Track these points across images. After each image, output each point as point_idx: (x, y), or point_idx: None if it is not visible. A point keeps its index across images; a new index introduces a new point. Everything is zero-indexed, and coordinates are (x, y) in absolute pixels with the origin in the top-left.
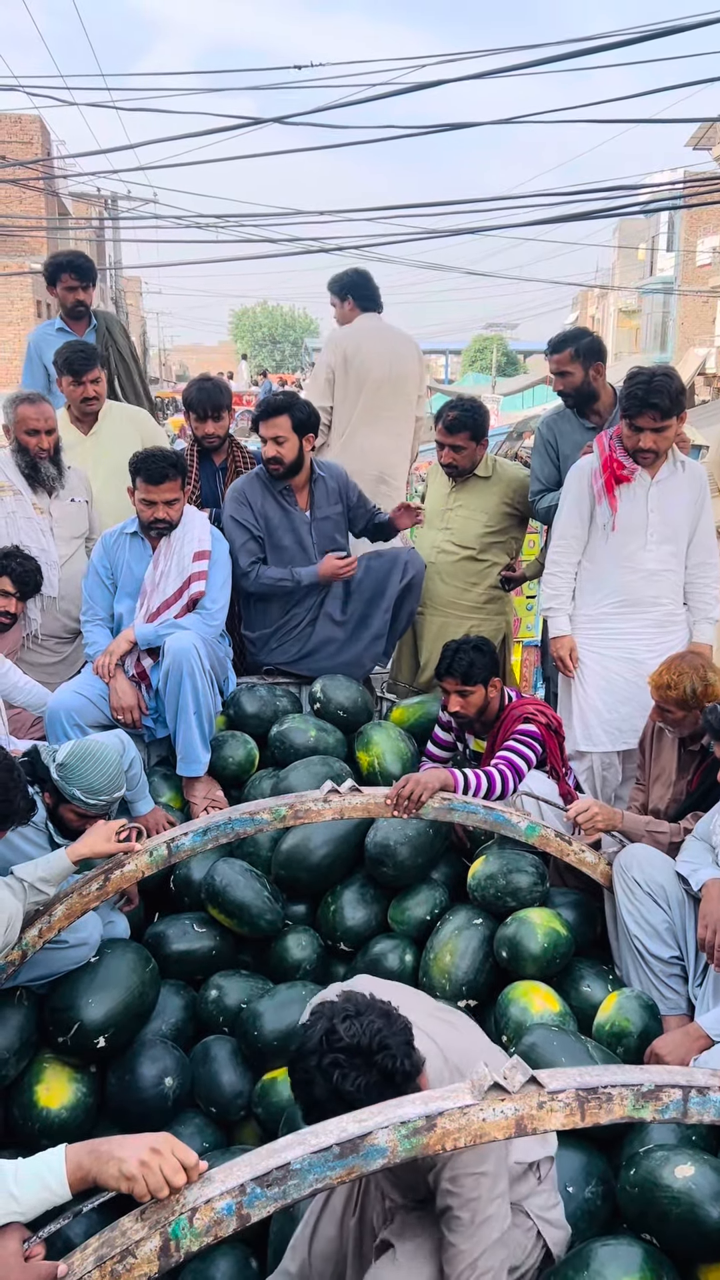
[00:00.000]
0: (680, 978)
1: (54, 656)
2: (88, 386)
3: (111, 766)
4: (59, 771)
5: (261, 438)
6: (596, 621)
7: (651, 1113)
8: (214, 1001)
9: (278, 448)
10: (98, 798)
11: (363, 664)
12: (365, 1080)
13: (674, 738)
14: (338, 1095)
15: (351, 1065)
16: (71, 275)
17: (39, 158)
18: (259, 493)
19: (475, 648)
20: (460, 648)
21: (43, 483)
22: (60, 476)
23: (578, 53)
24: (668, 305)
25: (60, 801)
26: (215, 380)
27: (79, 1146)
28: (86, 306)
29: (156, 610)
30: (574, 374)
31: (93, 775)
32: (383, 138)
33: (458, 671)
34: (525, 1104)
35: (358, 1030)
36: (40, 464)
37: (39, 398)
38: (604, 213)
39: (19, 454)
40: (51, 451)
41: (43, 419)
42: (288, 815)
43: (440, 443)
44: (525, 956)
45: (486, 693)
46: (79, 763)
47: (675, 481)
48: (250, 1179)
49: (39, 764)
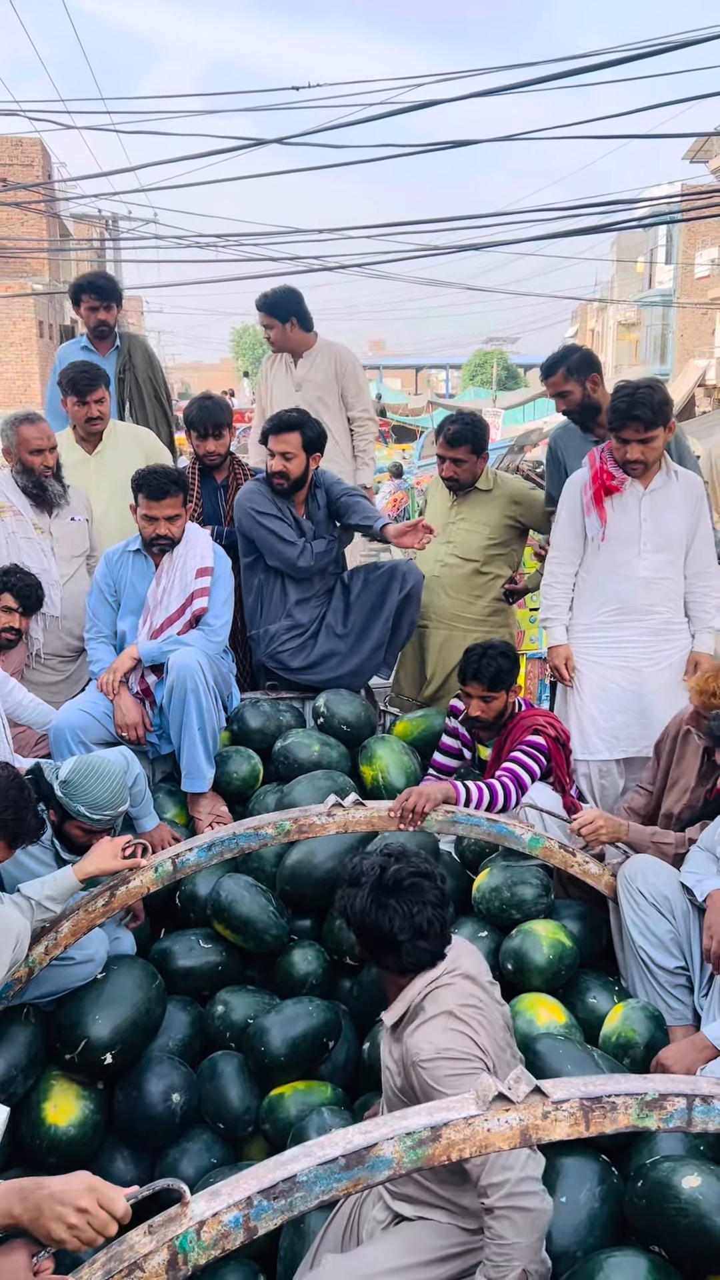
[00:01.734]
0: (686, 988)
1: (57, 675)
2: (91, 406)
3: (115, 781)
4: (63, 789)
5: (270, 451)
6: (593, 630)
7: (656, 1122)
8: (220, 1017)
9: (285, 463)
10: (102, 813)
11: (364, 675)
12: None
13: (700, 744)
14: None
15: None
16: (92, 296)
17: (40, 180)
18: (261, 502)
19: (502, 653)
20: (487, 652)
21: (48, 501)
22: (63, 495)
23: (574, 71)
24: (667, 318)
25: (65, 818)
26: (215, 398)
27: (10, 1189)
28: (110, 326)
29: (159, 627)
30: (573, 392)
31: (96, 791)
32: (381, 156)
33: (485, 676)
34: (530, 1114)
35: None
36: (46, 482)
37: (37, 417)
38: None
39: (24, 474)
40: (54, 469)
41: (44, 437)
42: (292, 830)
43: (441, 456)
44: (531, 969)
45: (507, 698)
46: (82, 779)
47: (669, 491)
48: (257, 1191)
49: (42, 782)
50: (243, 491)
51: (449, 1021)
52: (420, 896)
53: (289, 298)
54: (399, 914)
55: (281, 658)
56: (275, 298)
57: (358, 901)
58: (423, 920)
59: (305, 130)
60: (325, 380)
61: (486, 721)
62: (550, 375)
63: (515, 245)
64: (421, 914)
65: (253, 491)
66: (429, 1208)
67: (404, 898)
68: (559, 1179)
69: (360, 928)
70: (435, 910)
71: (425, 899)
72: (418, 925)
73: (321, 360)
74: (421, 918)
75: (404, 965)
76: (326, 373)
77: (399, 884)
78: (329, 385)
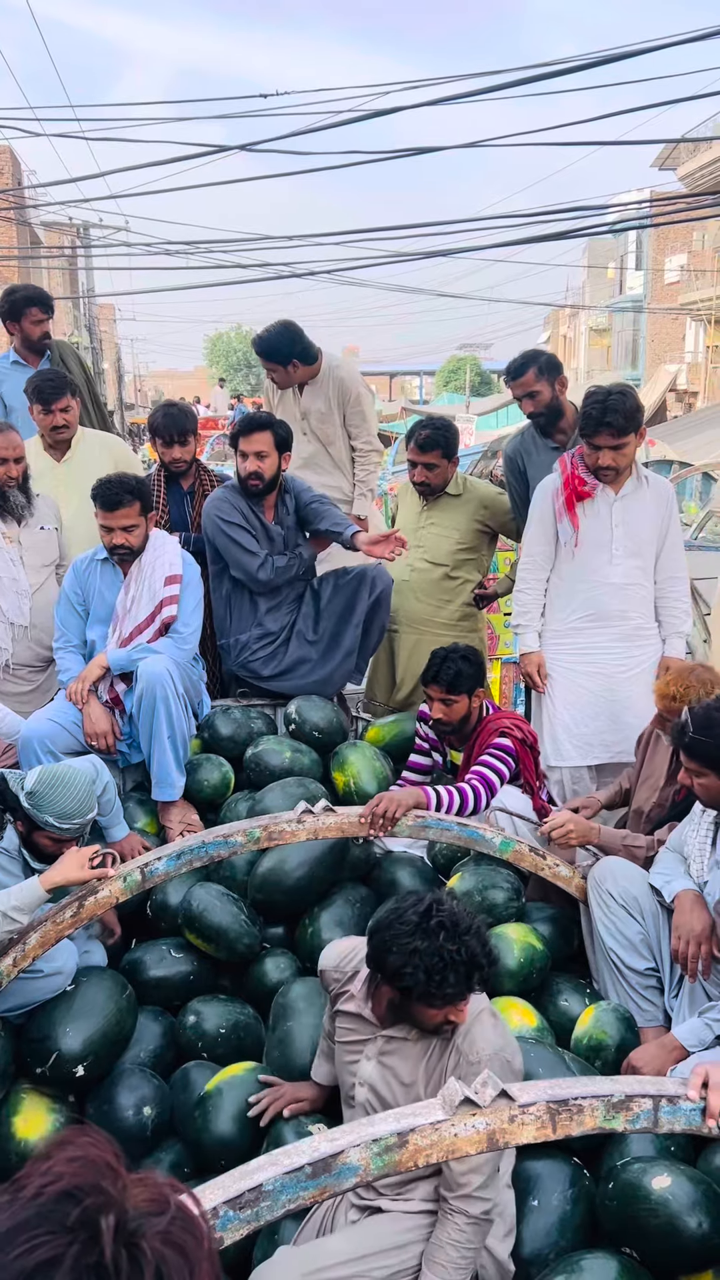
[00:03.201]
0: (656, 989)
1: (27, 685)
2: (57, 415)
3: (81, 790)
4: (29, 799)
5: (242, 453)
6: (565, 636)
7: (623, 1123)
8: (192, 1027)
9: (259, 463)
10: (70, 821)
11: (336, 681)
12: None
13: (670, 745)
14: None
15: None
16: (39, 309)
17: (10, 188)
18: (229, 508)
19: (464, 657)
20: (449, 656)
21: (11, 511)
22: (29, 505)
23: (543, 76)
24: (638, 323)
25: (33, 828)
26: (180, 405)
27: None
28: (49, 339)
29: (129, 635)
30: (543, 392)
31: (63, 800)
32: (349, 163)
33: (444, 680)
34: (496, 1118)
35: (455, 910)
36: (9, 493)
37: (7, 427)
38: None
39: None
40: (20, 480)
41: (10, 448)
42: (262, 837)
43: (413, 462)
44: (502, 972)
45: (470, 703)
46: (49, 789)
47: (640, 496)
48: (222, 1202)
49: (8, 793)
50: (211, 499)
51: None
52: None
53: (285, 339)
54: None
55: (252, 666)
56: (273, 342)
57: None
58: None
59: (274, 136)
60: (328, 410)
61: (451, 725)
62: (520, 375)
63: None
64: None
65: (220, 499)
66: (409, 1186)
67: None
68: (531, 1182)
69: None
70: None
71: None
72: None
73: (324, 389)
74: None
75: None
76: (329, 402)
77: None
78: (329, 415)
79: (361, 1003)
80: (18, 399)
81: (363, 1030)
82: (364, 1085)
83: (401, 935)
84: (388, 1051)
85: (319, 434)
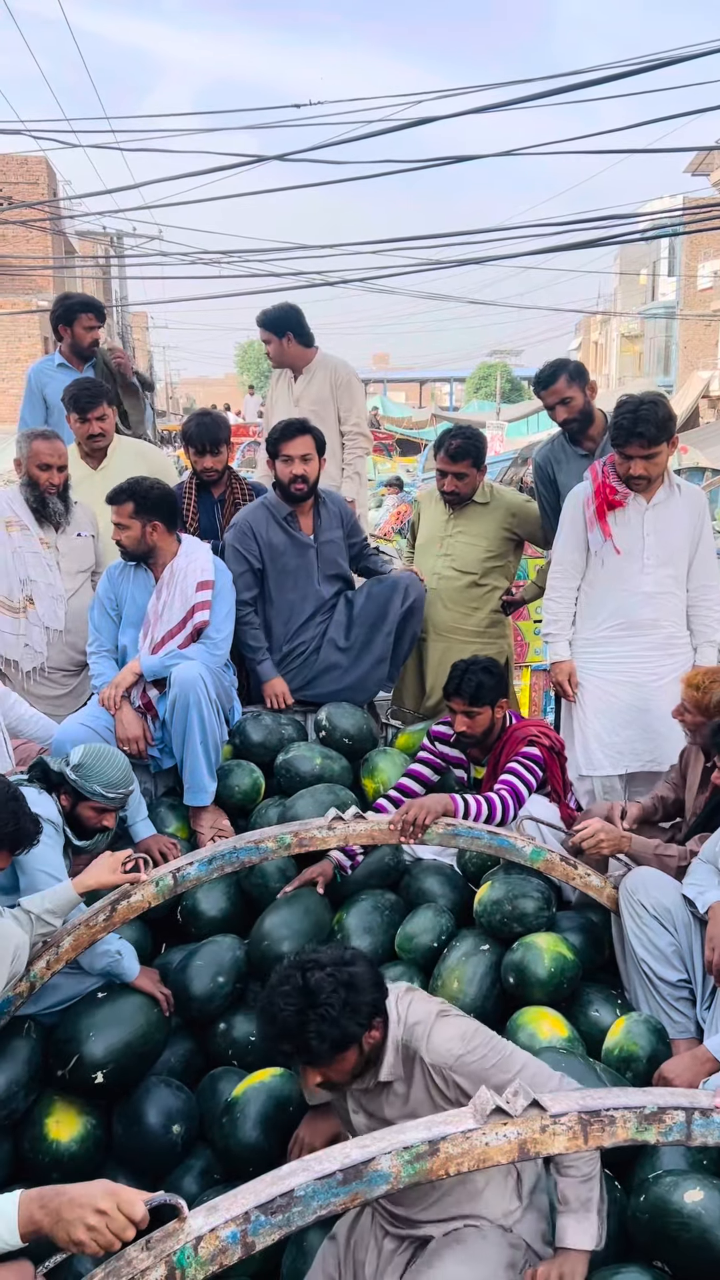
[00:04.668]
0: (689, 1001)
1: (60, 689)
2: (93, 424)
3: (123, 762)
4: (76, 772)
5: (286, 457)
6: (596, 645)
7: (655, 1135)
8: (222, 1034)
9: (305, 466)
10: (115, 790)
11: (367, 688)
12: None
13: (701, 754)
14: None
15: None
16: (92, 315)
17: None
18: (264, 521)
19: (485, 669)
20: (469, 668)
21: (49, 518)
22: (67, 513)
23: (575, 86)
24: (670, 329)
25: (78, 801)
26: (213, 415)
27: (31, 1198)
28: (98, 344)
29: (160, 641)
30: (576, 398)
31: (109, 770)
32: (382, 172)
33: (466, 692)
34: (528, 1128)
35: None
36: (48, 499)
37: (53, 435)
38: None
39: (29, 487)
40: (60, 488)
41: (55, 455)
42: (293, 843)
43: (443, 471)
44: (532, 981)
45: (493, 714)
46: (94, 760)
47: (672, 505)
48: (254, 1206)
49: (51, 772)
50: (241, 513)
51: (444, 1017)
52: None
53: (286, 313)
54: (363, 972)
55: (286, 679)
56: (273, 313)
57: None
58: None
59: (308, 146)
60: (320, 396)
61: (475, 738)
62: (552, 383)
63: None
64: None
65: (250, 516)
66: (455, 1223)
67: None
68: None
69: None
70: (342, 986)
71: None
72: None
73: (319, 375)
74: (343, 993)
75: (361, 1023)
76: (322, 388)
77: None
78: (324, 401)
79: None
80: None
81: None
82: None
83: (293, 1026)
84: (365, 1104)
85: (312, 420)
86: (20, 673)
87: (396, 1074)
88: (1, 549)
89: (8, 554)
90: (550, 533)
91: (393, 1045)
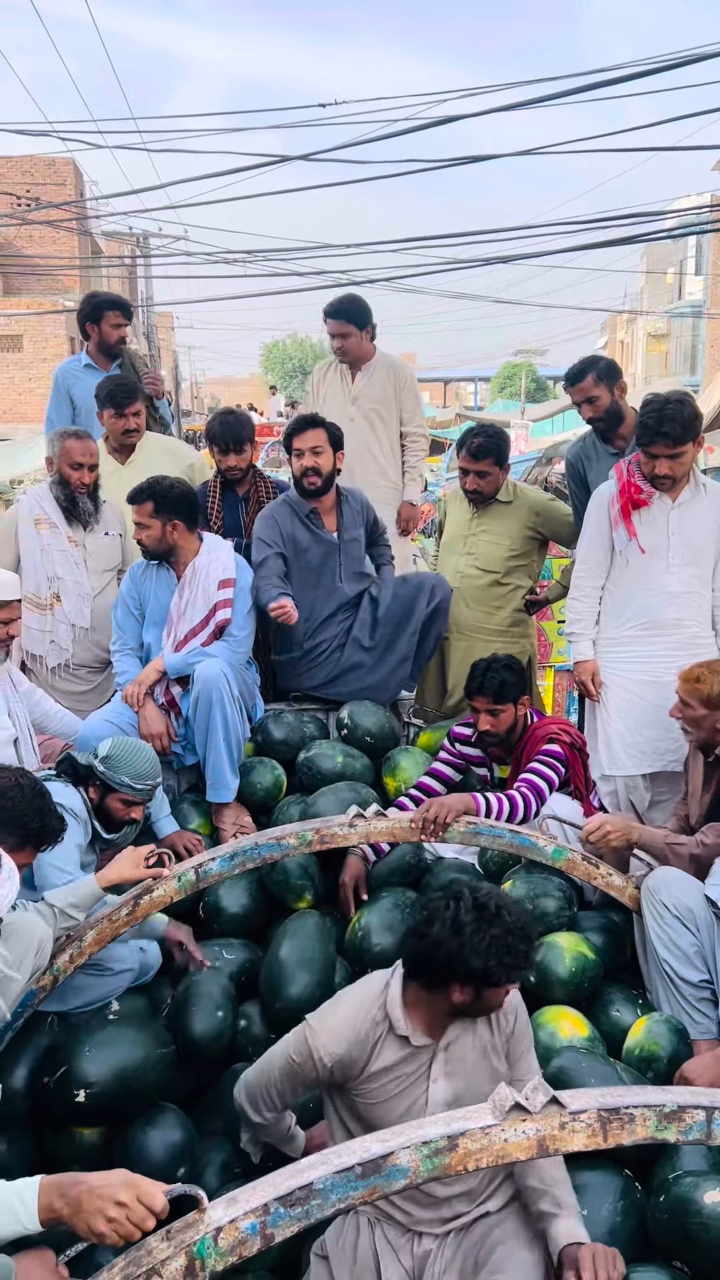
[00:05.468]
0: (710, 1001)
1: (85, 685)
2: (129, 419)
3: (150, 754)
4: (105, 764)
5: (298, 450)
6: (620, 644)
7: (675, 1134)
8: (243, 1031)
9: (315, 458)
10: (144, 782)
11: (390, 687)
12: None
13: (699, 753)
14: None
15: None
16: (119, 313)
17: (72, 199)
18: (287, 517)
19: (506, 666)
20: (491, 666)
21: (78, 517)
22: (96, 512)
23: (599, 84)
24: (697, 329)
25: (106, 793)
26: (237, 414)
27: (51, 1184)
28: (124, 342)
29: (183, 639)
30: (601, 397)
31: (137, 762)
32: (406, 171)
33: (489, 690)
34: (547, 1124)
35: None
36: (79, 498)
37: (86, 435)
38: (633, 239)
39: (59, 486)
40: (90, 487)
41: (88, 455)
42: (314, 840)
43: (465, 469)
44: (553, 981)
45: (516, 711)
46: (122, 753)
47: (697, 504)
48: (274, 1199)
49: (79, 766)
50: (266, 508)
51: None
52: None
53: (365, 305)
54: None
55: (305, 677)
56: (355, 304)
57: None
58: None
59: (331, 146)
60: (383, 395)
61: (498, 736)
62: (579, 381)
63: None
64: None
65: (274, 511)
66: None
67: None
68: (581, 1193)
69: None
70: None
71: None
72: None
73: (380, 374)
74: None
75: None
76: (385, 387)
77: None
78: (387, 401)
79: (402, 1040)
80: (88, 401)
81: (412, 1064)
82: (441, 1108)
83: (473, 936)
84: (452, 1060)
85: (370, 419)
86: (46, 668)
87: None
88: (30, 546)
89: (36, 551)
90: (579, 530)
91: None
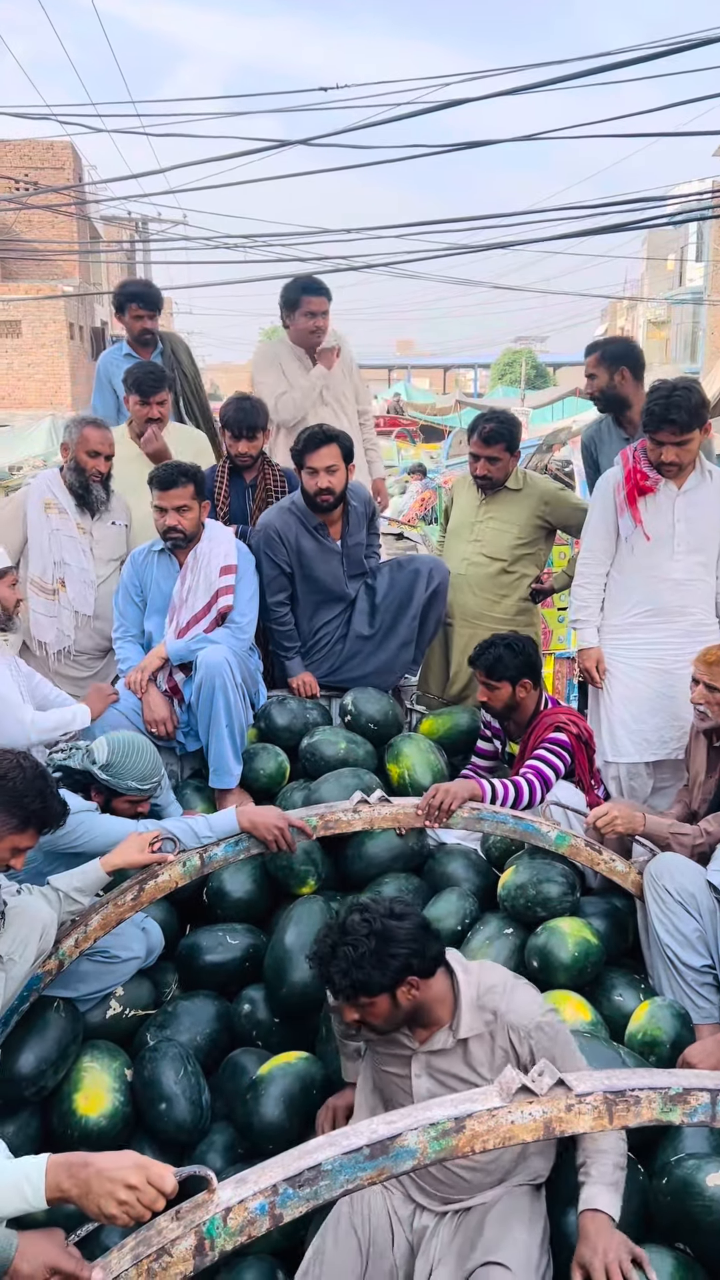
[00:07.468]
0: (713, 986)
1: (86, 671)
2: (154, 407)
3: (150, 751)
4: (106, 772)
5: (310, 469)
6: (624, 631)
7: (680, 1116)
8: (247, 1016)
9: (330, 478)
10: (149, 781)
11: (393, 671)
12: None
13: (704, 738)
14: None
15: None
16: (139, 305)
17: (71, 184)
18: (293, 527)
19: (508, 646)
20: (492, 643)
21: (90, 504)
22: (106, 501)
23: (601, 68)
24: (697, 315)
25: (112, 796)
26: (252, 400)
27: (59, 1164)
28: (153, 334)
29: (186, 625)
30: (599, 376)
31: (139, 764)
32: (408, 156)
33: (483, 665)
34: (553, 1106)
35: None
36: (92, 486)
37: (104, 424)
38: (633, 224)
39: (74, 472)
40: (104, 476)
41: (105, 444)
42: (318, 826)
43: (475, 455)
44: (556, 966)
45: (515, 692)
46: (123, 758)
47: (703, 491)
48: (282, 1179)
49: (76, 772)
50: (265, 517)
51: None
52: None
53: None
54: (404, 928)
55: (310, 669)
56: (321, 282)
57: (361, 946)
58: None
59: (332, 130)
60: (341, 379)
61: (496, 710)
62: (588, 355)
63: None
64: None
65: (276, 523)
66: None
67: (399, 922)
68: None
69: (374, 965)
70: (375, 935)
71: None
72: (424, 927)
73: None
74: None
75: (429, 965)
76: (339, 369)
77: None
78: (345, 384)
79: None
80: None
81: (401, 1052)
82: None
83: (325, 955)
84: (437, 1065)
85: (338, 402)
86: (49, 654)
87: (476, 1030)
88: (39, 530)
89: (44, 535)
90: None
91: (468, 1004)
